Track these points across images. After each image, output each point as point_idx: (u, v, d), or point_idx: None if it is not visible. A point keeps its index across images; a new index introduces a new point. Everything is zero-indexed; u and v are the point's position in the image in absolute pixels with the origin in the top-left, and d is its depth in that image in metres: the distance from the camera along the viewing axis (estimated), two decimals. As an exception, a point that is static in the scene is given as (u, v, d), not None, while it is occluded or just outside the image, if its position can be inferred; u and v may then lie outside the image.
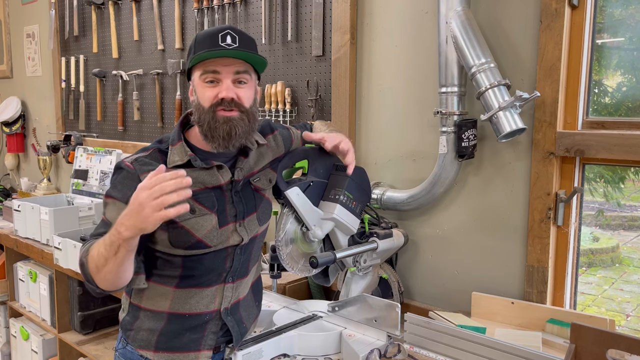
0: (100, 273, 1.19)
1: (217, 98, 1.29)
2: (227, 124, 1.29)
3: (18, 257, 3.05)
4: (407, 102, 1.94)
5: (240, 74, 1.31)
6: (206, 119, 1.30)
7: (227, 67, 1.29)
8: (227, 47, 1.28)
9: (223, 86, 1.29)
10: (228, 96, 1.29)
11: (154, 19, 2.88)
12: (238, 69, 1.30)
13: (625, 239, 2.00)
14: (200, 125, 1.32)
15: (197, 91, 1.33)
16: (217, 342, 1.42)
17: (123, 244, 1.13)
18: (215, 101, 1.29)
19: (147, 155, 1.34)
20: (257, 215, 1.43)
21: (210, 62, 1.29)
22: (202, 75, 1.30)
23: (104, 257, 1.17)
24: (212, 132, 1.30)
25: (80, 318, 2.65)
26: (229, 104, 1.29)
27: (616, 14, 1.61)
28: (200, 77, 1.31)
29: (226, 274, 1.40)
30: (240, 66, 1.31)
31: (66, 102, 3.62)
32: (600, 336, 1.10)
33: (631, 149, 1.47)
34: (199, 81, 1.31)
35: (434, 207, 1.89)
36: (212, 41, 1.28)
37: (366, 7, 2.02)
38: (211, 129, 1.30)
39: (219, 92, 1.29)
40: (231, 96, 1.29)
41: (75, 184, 3.13)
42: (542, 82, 1.60)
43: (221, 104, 1.29)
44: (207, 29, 1.32)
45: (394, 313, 1.43)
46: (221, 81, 1.30)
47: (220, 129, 1.29)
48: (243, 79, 1.32)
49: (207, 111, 1.30)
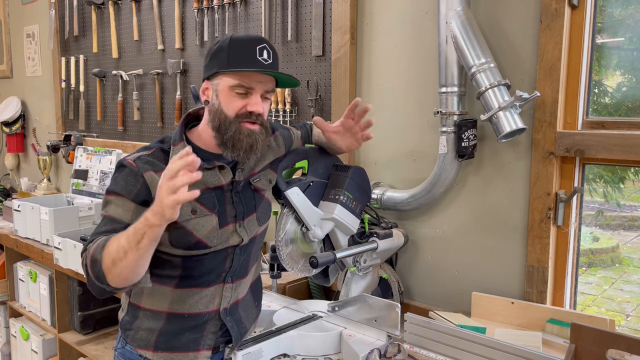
0: (117, 267, 1.16)
1: (245, 110, 1.30)
2: (251, 137, 1.30)
3: (18, 257, 3.05)
4: (407, 102, 1.94)
5: (269, 92, 1.33)
6: (230, 129, 1.30)
7: (261, 84, 1.30)
8: (264, 62, 1.29)
9: (253, 100, 1.30)
10: (258, 111, 1.30)
11: (154, 19, 2.88)
12: (268, 88, 1.32)
13: (625, 239, 2.00)
14: (221, 133, 1.31)
15: (222, 97, 1.31)
16: (217, 342, 1.42)
17: (148, 231, 1.11)
18: (243, 112, 1.30)
19: (150, 154, 1.33)
20: (257, 215, 1.43)
21: (246, 76, 1.29)
22: (234, 87, 1.29)
23: (124, 249, 1.14)
24: (235, 143, 1.30)
25: (80, 318, 2.65)
26: (256, 117, 1.31)
27: (616, 14, 1.61)
28: (232, 86, 1.29)
29: (225, 274, 1.40)
30: (270, 85, 1.33)
31: (66, 102, 3.62)
32: (600, 336, 1.10)
33: (631, 149, 1.47)
34: (228, 89, 1.30)
35: (434, 207, 1.89)
36: (252, 54, 1.28)
37: (366, 7, 2.02)
38: (234, 139, 1.30)
39: (247, 105, 1.30)
40: (260, 111, 1.31)
41: (75, 184, 3.13)
42: (542, 82, 1.60)
43: (249, 116, 1.30)
44: (242, 36, 1.31)
45: (394, 313, 1.43)
46: (251, 95, 1.30)
47: (244, 141, 1.30)
48: (268, 97, 1.34)
49: (232, 121, 1.30)
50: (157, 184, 1.27)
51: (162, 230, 1.13)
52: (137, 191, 1.28)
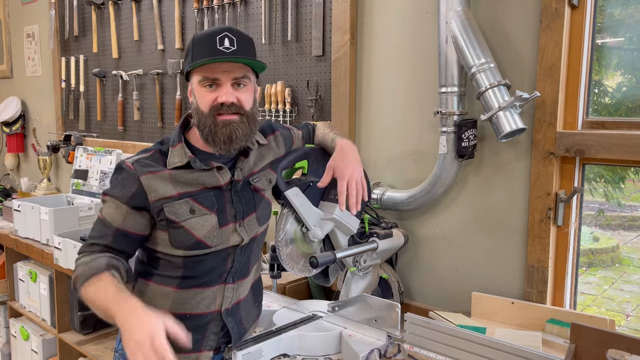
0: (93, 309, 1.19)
1: (217, 102, 1.29)
2: (227, 128, 1.29)
3: (18, 257, 3.05)
4: (407, 102, 1.94)
5: (239, 79, 1.30)
6: (206, 123, 1.30)
7: (226, 74, 1.29)
8: (226, 50, 1.26)
9: (222, 90, 1.29)
10: (228, 101, 1.29)
11: (154, 19, 2.88)
12: (237, 75, 1.30)
13: (625, 239, 2.00)
14: (201, 130, 1.32)
15: (196, 95, 1.32)
16: (218, 342, 1.42)
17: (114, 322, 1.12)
18: (215, 105, 1.29)
19: (149, 157, 1.34)
20: (257, 215, 1.43)
21: (209, 68, 1.28)
22: (201, 81, 1.30)
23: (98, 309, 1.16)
24: (213, 136, 1.30)
25: (80, 318, 2.65)
26: (228, 107, 1.29)
27: (616, 14, 1.61)
28: (199, 82, 1.30)
29: (227, 275, 1.40)
30: (239, 72, 1.30)
31: (66, 102, 3.62)
32: (600, 336, 1.10)
33: (631, 149, 1.47)
34: (198, 86, 1.31)
35: (434, 207, 1.89)
36: (211, 45, 1.26)
37: (366, 7, 2.02)
38: (212, 133, 1.30)
39: (218, 97, 1.29)
40: (231, 100, 1.29)
41: (75, 184, 3.13)
42: (542, 82, 1.60)
43: (221, 108, 1.29)
44: (205, 31, 1.31)
45: (394, 313, 1.43)
46: (220, 85, 1.29)
47: (221, 132, 1.29)
48: (242, 82, 1.32)
49: (207, 115, 1.30)
50: (154, 186, 1.29)
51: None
52: (132, 195, 1.29)
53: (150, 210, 1.30)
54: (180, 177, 1.32)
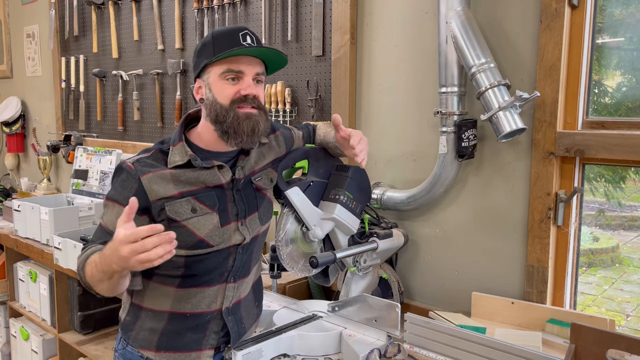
0: (97, 287, 1.23)
1: (239, 94, 1.30)
2: (250, 120, 1.30)
3: (18, 257, 3.05)
4: (407, 102, 1.94)
5: (259, 75, 1.33)
6: (228, 116, 1.30)
7: (250, 67, 1.31)
8: (249, 46, 1.29)
9: (245, 83, 1.30)
10: (251, 93, 1.30)
11: (154, 19, 2.88)
12: (258, 70, 1.33)
13: (625, 239, 2.00)
14: (219, 123, 1.31)
15: (215, 88, 1.32)
16: (219, 342, 1.42)
17: (115, 274, 1.16)
18: (237, 97, 1.30)
19: (149, 156, 1.34)
20: (259, 214, 1.44)
21: (234, 60, 1.29)
22: (224, 73, 1.30)
23: (98, 278, 1.20)
24: (236, 129, 1.30)
25: (80, 318, 2.65)
26: (251, 100, 1.31)
27: (616, 14, 1.61)
28: (222, 74, 1.30)
29: (228, 274, 1.40)
30: (260, 68, 1.33)
31: (66, 102, 3.62)
32: (600, 336, 1.10)
33: (631, 149, 1.47)
34: (218, 79, 1.31)
35: (434, 207, 1.89)
36: (234, 40, 1.29)
37: (366, 7, 2.02)
38: (234, 125, 1.30)
39: (240, 89, 1.30)
40: (254, 93, 1.31)
41: (75, 184, 3.13)
42: (542, 82, 1.60)
43: (244, 100, 1.30)
44: (223, 28, 1.34)
45: (394, 313, 1.43)
46: (243, 79, 1.31)
47: (244, 124, 1.30)
48: (260, 79, 1.34)
49: (228, 108, 1.30)
50: (155, 186, 1.29)
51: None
52: (132, 196, 1.28)
53: (151, 211, 1.30)
54: (182, 176, 1.32)
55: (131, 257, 1.07)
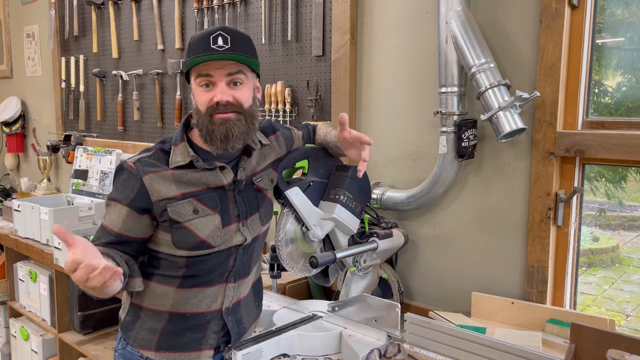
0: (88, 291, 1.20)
1: (212, 102, 1.29)
2: (224, 126, 1.29)
3: (18, 257, 3.05)
4: (407, 102, 1.94)
5: (234, 75, 1.30)
6: (204, 123, 1.30)
7: (220, 70, 1.28)
8: (219, 49, 1.26)
9: (217, 89, 1.29)
10: (223, 99, 1.29)
11: (154, 19, 2.88)
12: (230, 70, 1.29)
13: (625, 239, 2.00)
14: (200, 129, 1.32)
15: (195, 95, 1.33)
16: (218, 341, 1.42)
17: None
18: (211, 105, 1.29)
19: (150, 156, 1.34)
20: (260, 215, 1.44)
21: (203, 65, 1.28)
22: (196, 79, 1.30)
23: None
24: (210, 135, 1.30)
25: (80, 318, 2.65)
26: (224, 107, 1.29)
27: (616, 14, 1.61)
28: (195, 80, 1.31)
29: (228, 274, 1.40)
30: (233, 68, 1.29)
31: (66, 102, 3.62)
32: (600, 336, 1.10)
33: (631, 149, 1.47)
34: (195, 85, 1.32)
35: (434, 207, 1.89)
36: (205, 44, 1.27)
37: (366, 7, 2.02)
38: (209, 132, 1.30)
39: (213, 96, 1.29)
40: (226, 99, 1.29)
41: (75, 184, 3.13)
42: (542, 82, 1.60)
43: (217, 107, 1.29)
44: (201, 31, 1.32)
45: (394, 313, 1.43)
46: (216, 84, 1.30)
47: (217, 131, 1.29)
48: (238, 80, 1.31)
49: (204, 115, 1.30)
50: (157, 186, 1.29)
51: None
52: (134, 196, 1.29)
53: (152, 211, 1.30)
54: (183, 176, 1.32)
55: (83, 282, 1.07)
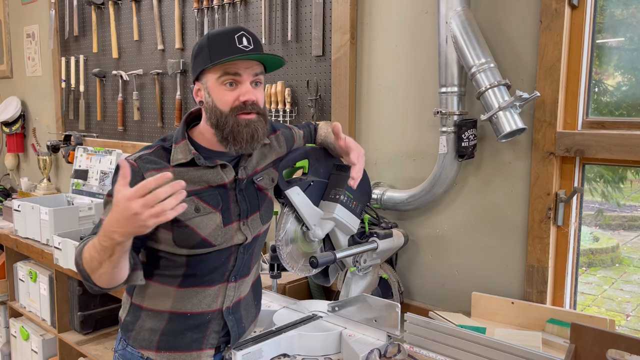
0: (95, 274, 1.20)
1: (239, 101, 1.28)
2: (250, 127, 1.29)
3: (18, 257, 3.05)
4: (407, 102, 1.94)
5: (258, 75, 1.31)
6: (228, 123, 1.29)
7: (248, 70, 1.29)
8: (245, 49, 1.27)
9: (243, 89, 1.29)
10: (250, 99, 1.29)
11: (154, 19, 2.88)
12: (256, 71, 1.30)
13: (625, 239, 2.00)
14: (219, 129, 1.30)
15: (214, 93, 1.30)
16: (219, 341, 1.42)
17: (117, 247, 1.12)
18: (237, 104, 1.28)
19: (151, 153, 1.33)
20: (260, 214, 1.44)
21: (231, 64, 1.27)
22: (220, 78, 1.28)
23: (98, 260, 1.16)
24: (235, 136, 1.29)
25: (80, 318, 2.65)
26: (251, 106, 1.29)
27: (616, 14, 1.61)
28: (219, 79, 1.29)
29: (229, 273, 1.40)
30: (258, 68, 1.30)
31: (66, 102, 3.62)
32: (600, 336, 1.10)
33: (631, 149, 1.47)
34: (216, 84, 1.29)
35: (434, 207, 1.89)
36: (230, 43, 1.26)
37: (366, 7, 2.02)
38: (233, 133, 1.29)
39: (239, 95, 1.28)
40: (253, 99, 1.29)
41: (75, 184, 3.13)
42: (542, 82, 1.60)
43: (243, 107, 1.28)
44: (220, 29, 1.31)
45: (394, 313, 1.43)
46: (240, 83, 1.29)
47: (244, 132, 1.29)
48: (259, 80, 1.32)
49: (228, 115, 1.29)
50: None
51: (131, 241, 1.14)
52: None
53: None
54: (184, 174, 1.32)
55: (143, 211, 1.04)
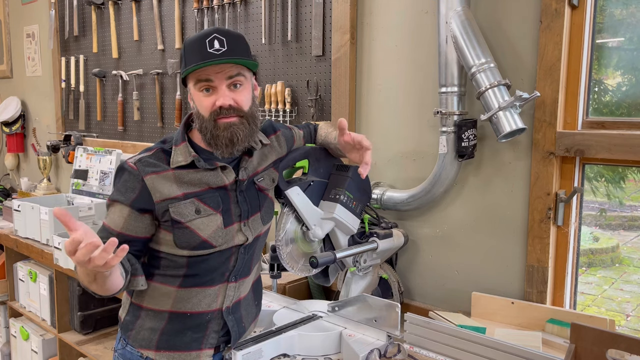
0: (91, 287, 1.23)
1: (215, 107, 1.29)
2: (228, 131, 1.29)
3: (18, 257, 3.05)
4: (407, 102, 1.94)
5: (233, 77, 1.29)
6: (208, 128, 1.30)
7: (219, 74, 1.28)
8: (216, 52, 1.25)
9: (219, 94, 1.28)
10: (225, 104, 1.28)
11: (154, 19, 2.88)
12: (230, 73, 1.29)
13: (625, 239, 2.00)
14: (204, 134, 1.32)
15: (195, 100, 1.32)
16: (218, 341, 1.42)
17: (98, 274, 1.15)
18: (214, 110, 1.29)
19: (151, 155, 1.34)
20: (261, 214, 1.44)
21: (202, 71, 1.27)
22: (196, 85, 1.30)
23: (87, 280, 1.20)
24: (215, 140, 1.30)
25: (80, 318, 2.65)
26: (227, 111, 1.29)
27: (616, 14, 1.61)
28: (195, 86, 1.30)
29: (229, 274, 1.40)
30: (232, 70, 1.29)
31: (66, 102, 3.62)
32: (600, 336, 1.10)
33: (631, 149, 1.47)
34: (195, 90, 1.31)
35: (434, 207, 1.89)
36: (200, 49, 1.26)
37: (366, 7, 2.02)
38: (214, 137, 1.30)
39: (215, 100, 1.29)
40: (228, 103, 1.28)
41: (75, 184, 3.13)
42: (542, 82, 1.60)
43: (220, 112, 1.29)
44: (195, 35, 1.30)
45: (394, 313, 1.43)
46: (216, 88, 1.29)
47: (222, 136, 1.29)
48: (237, 82, 1.30)
49: (208, 120, 1.30)
50: (159, 187, 1.29)
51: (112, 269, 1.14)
52: (136, 197, 1.29)
53: (154, 211, 1.30)
54: (185, 177, 1.32)
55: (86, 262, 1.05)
